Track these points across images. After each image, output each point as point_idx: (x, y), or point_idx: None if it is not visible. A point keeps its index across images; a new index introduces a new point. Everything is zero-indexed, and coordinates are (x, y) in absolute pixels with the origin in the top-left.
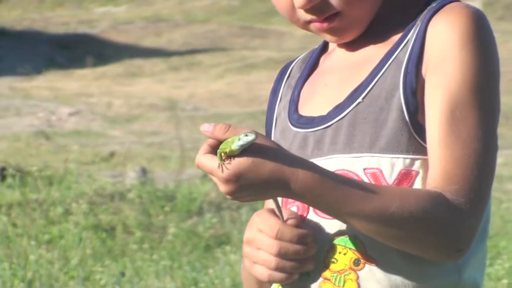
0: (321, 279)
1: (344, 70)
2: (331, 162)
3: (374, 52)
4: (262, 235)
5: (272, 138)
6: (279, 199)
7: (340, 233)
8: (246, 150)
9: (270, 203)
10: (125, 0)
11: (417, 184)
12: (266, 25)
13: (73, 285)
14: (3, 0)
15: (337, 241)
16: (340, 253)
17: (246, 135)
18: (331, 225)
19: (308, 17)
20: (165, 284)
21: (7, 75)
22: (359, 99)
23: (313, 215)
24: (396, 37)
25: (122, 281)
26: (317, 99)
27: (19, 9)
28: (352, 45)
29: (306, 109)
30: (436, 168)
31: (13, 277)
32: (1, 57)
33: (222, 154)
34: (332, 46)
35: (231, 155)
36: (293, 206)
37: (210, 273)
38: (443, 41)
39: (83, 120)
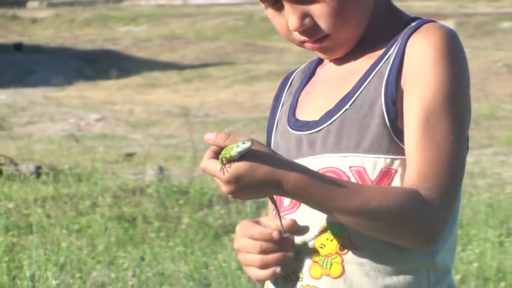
0: (311, 262)
1: (334, 80)
2: (322, 161)
3: (360, 65)
4: (246, 240)
5: (273, 139)
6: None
7: (327, 222)
8: (244, 156)
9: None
10: (144, 20)
11: (396, 181)
12: (267, 42)
13: (100, 269)
14: (38, 21)
15: (325, 229)
16: (327, 239)
17: (244, 143)
18: (320, 215)
19: (302, 38)
20: (179, 268)
21: (42, 86)
22: (347, 106)
23: (304, 206)
24: (379, 52)
25: (142, 264)
26: (311, 105)
27: (52, 29)
28: (341, 59)
29: (302, 114)
30: (413, 168)
31: (47, 261)
32: (37, 70)
33: (223, 159)
34: None
35: (231, 160)
36: (286, 198)
37: (219, 258)
38: (420, 57)
39: (108, 125)
